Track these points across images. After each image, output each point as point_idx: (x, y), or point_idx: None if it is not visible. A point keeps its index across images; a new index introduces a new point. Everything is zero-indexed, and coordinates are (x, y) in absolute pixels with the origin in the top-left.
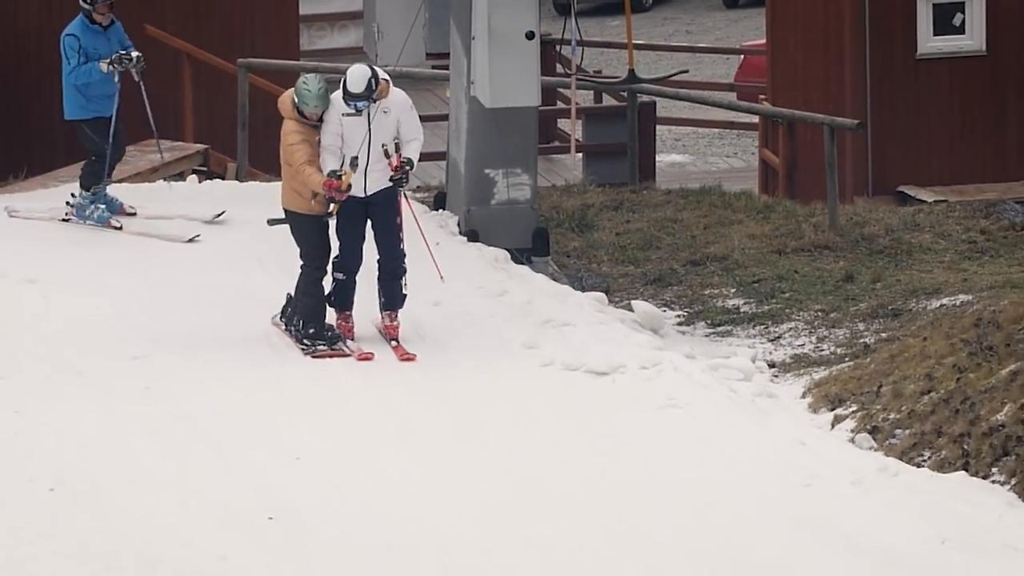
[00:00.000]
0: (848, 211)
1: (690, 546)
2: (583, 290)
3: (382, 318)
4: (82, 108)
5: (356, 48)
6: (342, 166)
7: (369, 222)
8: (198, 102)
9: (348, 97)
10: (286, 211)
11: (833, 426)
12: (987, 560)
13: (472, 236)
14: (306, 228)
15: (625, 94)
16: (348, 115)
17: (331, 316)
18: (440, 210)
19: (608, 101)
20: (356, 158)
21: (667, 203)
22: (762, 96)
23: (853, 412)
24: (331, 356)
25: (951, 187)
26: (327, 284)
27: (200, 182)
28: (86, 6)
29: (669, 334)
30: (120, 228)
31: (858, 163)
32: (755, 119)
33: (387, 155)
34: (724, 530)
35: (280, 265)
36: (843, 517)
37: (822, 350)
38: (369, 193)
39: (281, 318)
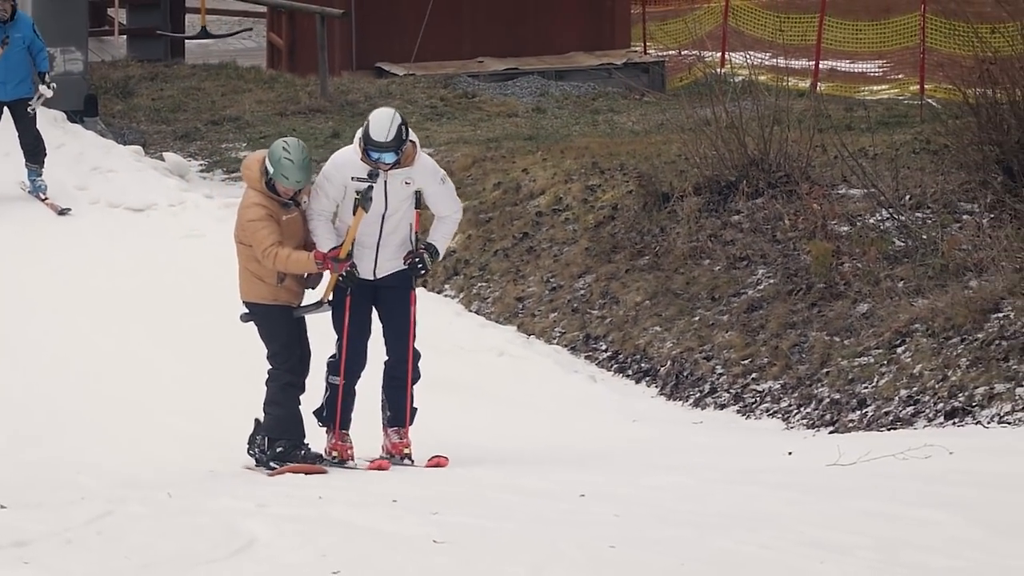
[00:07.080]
0: (337, 82)
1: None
2: (124, 144)
3: (387, 435)
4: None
5: None
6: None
7: (375, 313)
8: None
9: (370, 146)
10: (247, 304)
11: None
12: (441, 356)
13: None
14: (274, 323)
15: None
16: (359, 180)
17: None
18: None
19: None
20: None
21: (193, 75)
22: None
23: None
24: (303, 472)
25: (418, 63)
26: (318, 395)
27: None
28: None
29: (193, 179)
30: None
31: (344, 44)
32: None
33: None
34: None
35: None
36: None
37: None
38: (379, 276)
39: (249, 449)
